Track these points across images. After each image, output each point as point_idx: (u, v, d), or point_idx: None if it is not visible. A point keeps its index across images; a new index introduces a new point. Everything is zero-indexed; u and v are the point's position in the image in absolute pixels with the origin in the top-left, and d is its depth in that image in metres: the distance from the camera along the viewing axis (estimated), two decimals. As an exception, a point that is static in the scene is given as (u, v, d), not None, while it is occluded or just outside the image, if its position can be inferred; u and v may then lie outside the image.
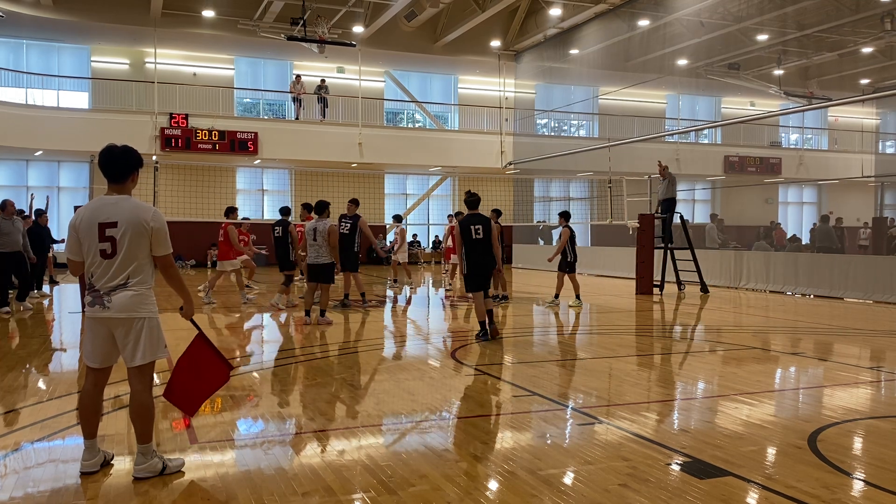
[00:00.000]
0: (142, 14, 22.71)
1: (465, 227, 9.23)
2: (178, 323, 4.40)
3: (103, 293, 4.11)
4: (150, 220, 4.14)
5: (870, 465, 4.44)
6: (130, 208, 4.15)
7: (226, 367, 4.60)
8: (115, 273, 4.11)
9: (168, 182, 20.26)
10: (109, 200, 4.18)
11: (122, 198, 4.20)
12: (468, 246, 9.21)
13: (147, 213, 4.17)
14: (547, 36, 25.55)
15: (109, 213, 4.12)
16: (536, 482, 4.09)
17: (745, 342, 9.36)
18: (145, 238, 4.14)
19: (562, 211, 14.07)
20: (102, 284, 4.12)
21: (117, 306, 4.10)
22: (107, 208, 4.15)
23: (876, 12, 23.18)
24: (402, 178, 29.78)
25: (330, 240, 10.74)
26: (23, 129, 21.71)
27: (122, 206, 4.15)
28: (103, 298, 4.11)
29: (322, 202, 11.09)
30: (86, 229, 4.13)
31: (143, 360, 4.17)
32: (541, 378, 7.13)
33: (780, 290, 16.24)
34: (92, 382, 4.27)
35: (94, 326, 4.19)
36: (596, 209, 28.50)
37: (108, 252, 4.10)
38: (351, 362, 8.13)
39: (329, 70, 27.10)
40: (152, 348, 4.19)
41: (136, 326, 4.14)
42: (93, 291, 4.15)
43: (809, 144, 36.06)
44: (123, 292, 4.11)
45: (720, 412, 5.78)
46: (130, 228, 4.10)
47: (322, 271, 10.85)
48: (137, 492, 3.96)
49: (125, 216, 4.11)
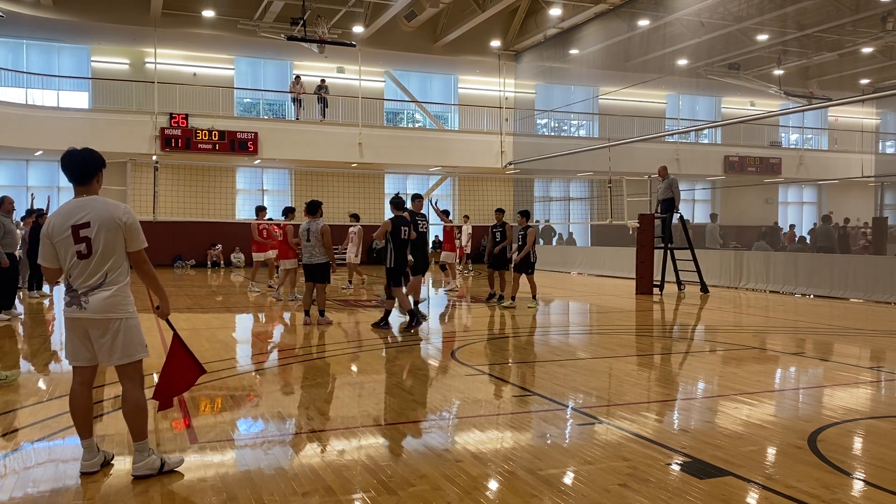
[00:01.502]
0: (142, 14, 22.71)
1: (396, 226, 10.04)
2: (178, 323, 4.40)
3: (80, 293, 4.12)
4: (121, 216, 4.15)
5: (870, 465, 4.44)
6: (101, 207, 4.16)
7: (197, 370, 4.63)
8: (91, 272, 4.11)
9: (168, 182, 20.24)
10: (80, 202, 4.19)
11: (91, 198, 4.20)
12: (397, 244, 10.03)
13: (118, 209, 4.18)
14: (547, 36, 25.55)
15: (81, 215, 4.13)
16: (536, 482, 4.09)
17: (745, 342, 9.36)
18: (119, 234, 4.14)
19: (522, 210, 13.57)
20: (80, 284, 4.12)
21: (94, 307, 4.10)
22: (78, 210, 4.15)
23: (876, 12, 23.19)
24: (402, 178, 29.77)
25: (324, 240, 10.74)
26: (23, 129, 21.72)
27: (93, 205, 4.16)
28: (80, 299, 4.11)
29: (314, 202, 11.05)
30: (59, 234, 4.13)
31: (120, 361, 4.17)
32: (541, 378, 7.13)
33: (779, 290, 16.24)
34: (79, 381, 4.27)
35: (71, 326, 4.20)
36: (596, 209, 28.49)
37: (83, 252, 4.10)
38: (351, 362, 8.13)
39: (329, 70, 27.11)
40: (129, 349, 4.17)
41: (113, 327, 4.13)
42: (70, 292, 4.16)
43: (809, 144, 36.07)
44: (100, 293, 4.11)
45: (720, 412, 5.78)
46: (103, 226, 4.10)
47: (317, 271, 10.86)
48: (137, 492, 3.96)
49: (97, 215, 4.12)
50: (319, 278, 10.84)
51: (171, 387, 4.59)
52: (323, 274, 10.84)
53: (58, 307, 13.81)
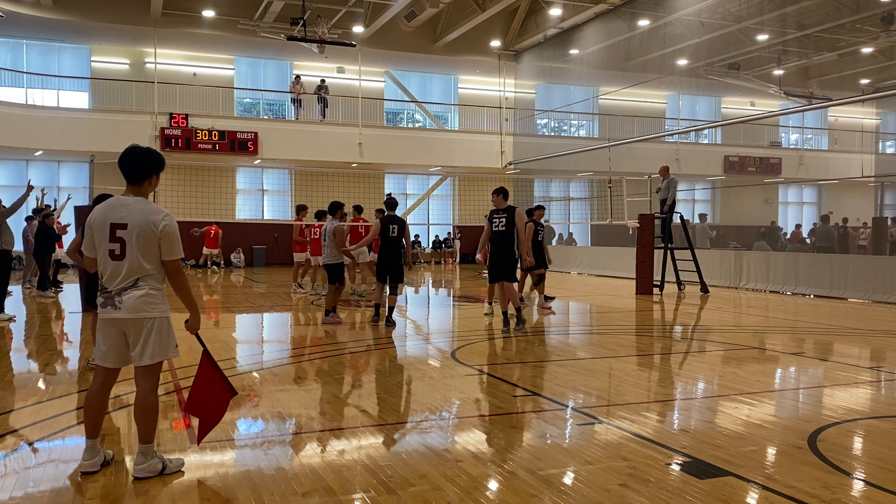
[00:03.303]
0: (142, 14, 22.72)
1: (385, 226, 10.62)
2: (178, 323, 4.39)
3: (114, 293, 4.11)
4: (159, 224, 4.10)
5: (870, 465, 4.44)
6: (142, 211, 4.12)
7: (227, 392, 4.48)
8: (124, 276, 4.10)
9: (168, 182, 20.20)
10: (124, 201, 4.17)
11: (136, 200, 4.18)
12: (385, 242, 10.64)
13: (158, 215, 4.12)
14: (547, 36, 25.55)
15: (122, 215, 4.10)
16: (536, 482, 4.09)
17: (745, 342, 9.36)
18: (154, 242, 4.10)
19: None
20: (113, 286, 4.12)
21: (127, 307, 4.09)
22: (120, 209, 4.13)
23: (876, 12, 23.19)
24: (402, 178, 29.79)
25: (336, 240, 10.78)
26: (23, 129, 21.72)
27: (135, 208, 4.13)
28: (114, 299, 4.10)
29: (334, 203, 11.25)
30: (98, 228, 4.12)
31: (152, 360, 4.16)
32: (541, 378, 7.13)
33: (779, 290, 16.24)
34: (100, 382, 4.26)
35: (105, 327, 4.18)
36: (596, 209, 28.51)
37: (116, 253, 4.09)
38: (351, 362, 8.13)
39: (329, 70, 27.11)
40: (162, 348, 4.17)
41: (147, 326, 4.13)
42: (104, 292, 4.14)
43: (809, 144, 36.08)
44: (133, 292, 4.09)
45: (720, 412, 5.77)
46: (140, 231, 4.07)
47: (330, 270, 11.02)
48: (137, 492, 3.96)
49: (136, 219, 4.09)
50: (332, 279, 10.96)
51: (205, 415, 4.46)
52: (334, 274, 10.94)
53: (67, 307, 13.80)
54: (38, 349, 8.89)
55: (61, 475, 4.25)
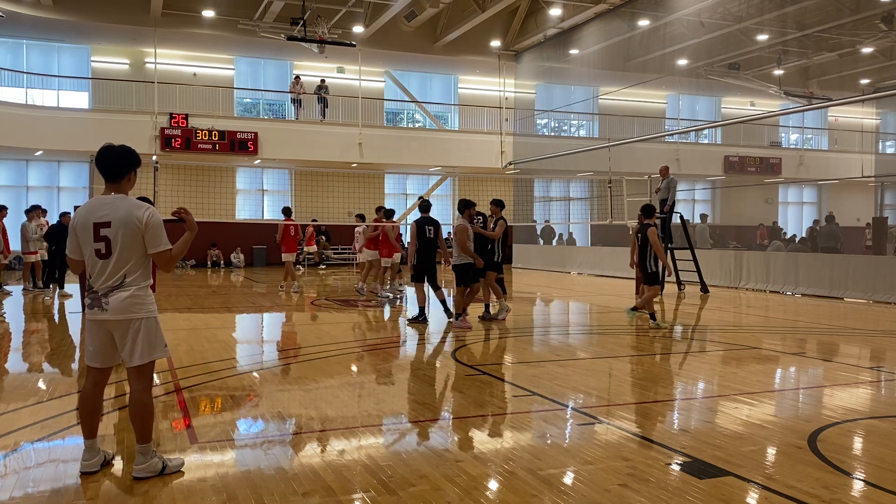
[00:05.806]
0: (142, 14, 22.71)
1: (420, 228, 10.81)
2: (178, 323, 4.39)
3: (101, 294, 4.11)
4: (142, 218, 4.11)
5: (870, 465, 4.44)
6: (125, 207, 4.13)
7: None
8: (110, 273, 4.11)
9: (168, 182, 20.22)
10: (105, 200, 4.17)
11: (117, 197, 4.18)
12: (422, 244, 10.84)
13: (140, 210, 4.14)
14: (547, 36, 25.54)
15: (104, 213, 4.11)
16: (536, 482, 4.09)
17: (745, 342, 9.36)
18: (138, 237, 4.12)
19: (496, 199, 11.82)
20: (100, 285, 4.12)
21: (114, 308, 4.10)
22: (102, 208, 4.14)
23: (876, 12, 23.18)
24: (402, 178, 29.78)
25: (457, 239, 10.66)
26: (23, 129, 21.71)
27: (117, 205, 4.14)
28: (101, 300, 4.11)
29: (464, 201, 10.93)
30: (82, 229, 4.13)
31: (141, 360, 4.17)
32: (541, 378, 7.13)
33: (779, 290, 16.23)
34: (92, 382, 4.27)
35: (93, 328, 4.20)
36: (596, 209, 28.50)
37: (102, 252, 4.10)
38: (351, 362, 8.13)
39: (329, 70, 27.10)
40: (150, 348, 4.18)
41: (134, 327, 4.14)
42: (91, 293, 4.15)
43: (809, 144, 36.07)
44: (119, 294, 4.10)
45: (720, 412, 5.78)
46: (124, 228, 4.08)
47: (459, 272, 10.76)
48: (137, 492, 3.96)
49: (119, 216, 4.10)
50: (459, 280, 10.75)
51: None
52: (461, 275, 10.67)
53: (67, 307, 13.81)
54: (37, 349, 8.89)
55: (61, 475, 4.25)
